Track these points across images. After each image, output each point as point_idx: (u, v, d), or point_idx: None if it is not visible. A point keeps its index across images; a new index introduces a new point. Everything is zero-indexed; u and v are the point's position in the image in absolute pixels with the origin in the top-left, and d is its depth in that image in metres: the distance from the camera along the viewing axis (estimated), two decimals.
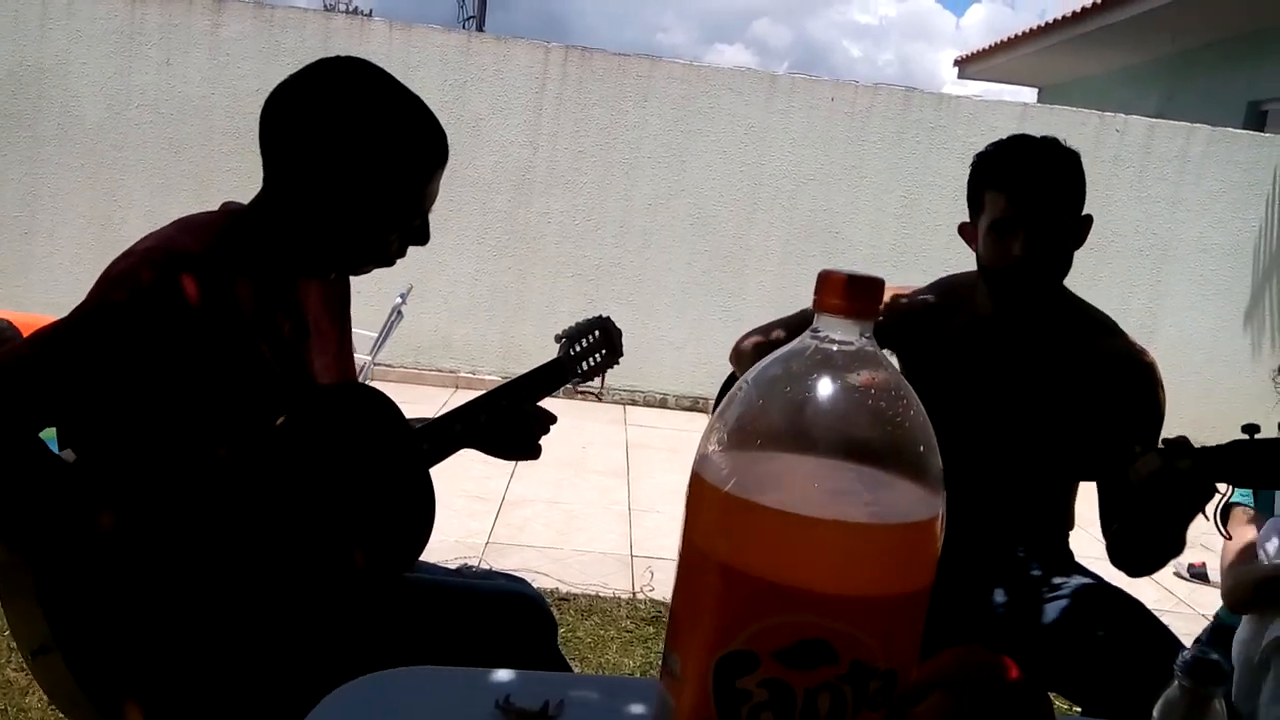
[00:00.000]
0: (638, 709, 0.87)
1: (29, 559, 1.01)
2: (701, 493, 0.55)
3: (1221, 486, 1.28)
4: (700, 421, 5.85)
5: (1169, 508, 1.29)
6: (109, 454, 1.10)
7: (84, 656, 1.03)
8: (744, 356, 1.68)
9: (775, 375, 0.55)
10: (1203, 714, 0.76)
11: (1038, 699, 0.78)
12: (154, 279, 1.04)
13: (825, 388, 0.53)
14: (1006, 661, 0.89)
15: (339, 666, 1.11)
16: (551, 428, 1.47)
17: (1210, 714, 0.76)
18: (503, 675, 0.92)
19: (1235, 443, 1.23)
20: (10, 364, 1.02)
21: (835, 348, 0.54)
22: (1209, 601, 3.62)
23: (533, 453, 1.47)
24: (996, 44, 10.27)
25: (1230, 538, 1.44)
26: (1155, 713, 0.78)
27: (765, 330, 1.66)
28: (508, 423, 1.44)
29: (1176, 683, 0.77)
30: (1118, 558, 1.48)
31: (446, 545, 3.19)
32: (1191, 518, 1.30)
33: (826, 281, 0.54)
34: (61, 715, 2.14)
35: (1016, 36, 9.72)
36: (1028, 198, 1.45)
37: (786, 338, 1.61)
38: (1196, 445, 1.25)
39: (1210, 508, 1.28)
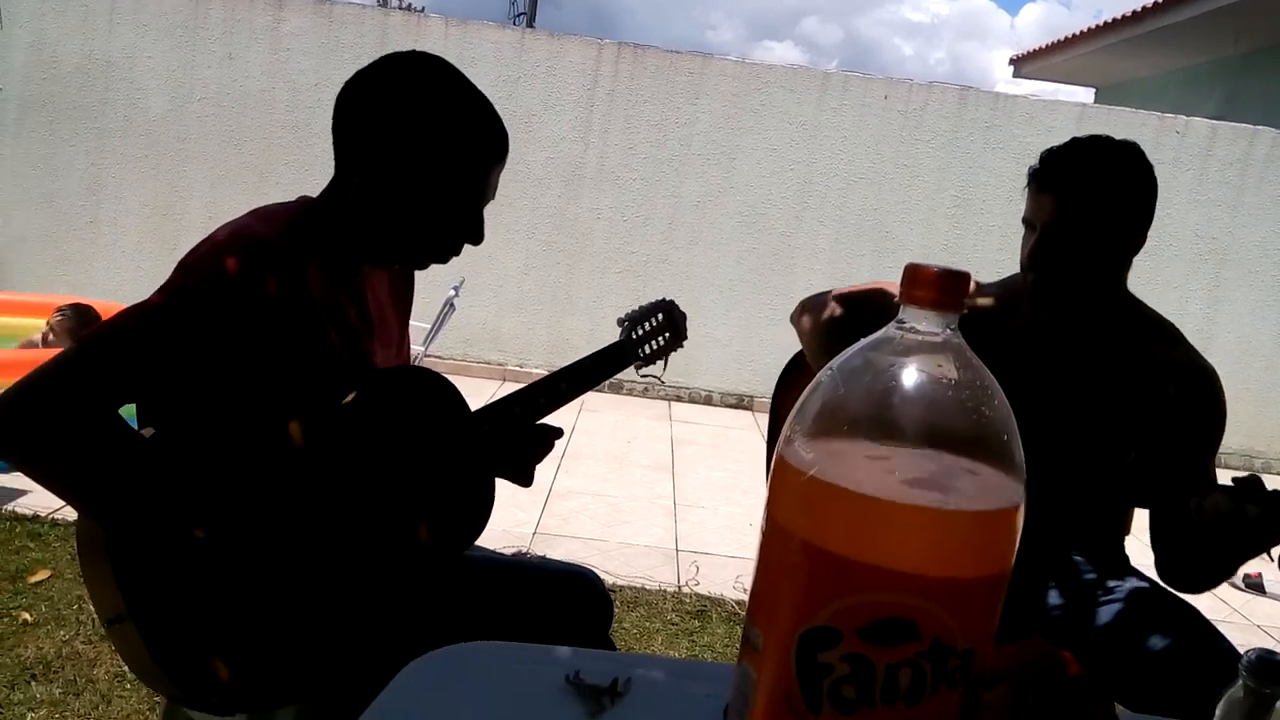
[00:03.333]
0: (702, 690, 0.89)
1: (106, 529, 1.06)
2: (785, 475, 0.57)
3: None
4: (745, 419, 5.86)
5: (1234, 547, 1.29)
6: (186, 431, 1.14)
7: (157, 627, 1.06)
8: (808, 309, 1.64)
9: (860, 364, 0.57)
10: (1266, 714, 0.76)
11: (1099, 694, 0.80)
12: (231, 264, 1.08)
13: (910, 377, 0.56)
14: (1067, 657, 0.90)
15: (407, 638, 1.15)
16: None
17: (1274, 715, 0.76)
18: (572, 652, 0.95)
19: None
20: (96, 342, 1.05)
21: (920, 339, 0.56)
22: (1264, 612, 3.56)
23: (527, 476, 1.40)
24: (1053, 43, 10.12)
25: None
26: (1218, 711, 0.78)
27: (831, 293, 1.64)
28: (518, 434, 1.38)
29: (1240, 682, 0.77)
30: (1167, 575, 1.48)
31: (494, 534, 3.22)
32: (1254, 557, 1.30)
33: (915, 274, 0.56)
34: (128, 686, 2.23)
35: (1073, 36, 9.58)
36: (1042, 197, 1.43)
37: (848, 301, 1.58)
38: (1255, 469, 1.24)
39: (1276, 550, 1.27)
